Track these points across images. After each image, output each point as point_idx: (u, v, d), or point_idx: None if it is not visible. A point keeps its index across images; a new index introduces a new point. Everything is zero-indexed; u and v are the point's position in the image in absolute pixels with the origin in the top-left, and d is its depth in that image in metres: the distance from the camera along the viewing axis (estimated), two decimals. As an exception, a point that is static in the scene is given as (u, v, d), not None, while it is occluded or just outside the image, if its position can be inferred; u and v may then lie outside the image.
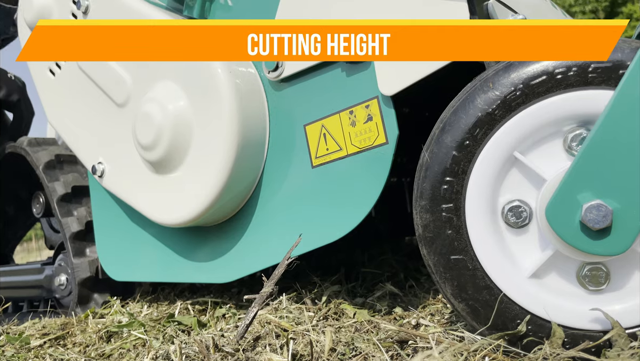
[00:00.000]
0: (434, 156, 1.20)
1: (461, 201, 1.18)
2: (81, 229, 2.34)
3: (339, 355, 1.32)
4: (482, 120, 1.16)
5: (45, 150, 2.57)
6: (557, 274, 1.17)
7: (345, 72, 1.52)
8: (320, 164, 1.58)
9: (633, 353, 1.02)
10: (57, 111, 2.18)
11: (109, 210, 2.15)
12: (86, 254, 2.33)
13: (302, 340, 1.40)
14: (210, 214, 1.70)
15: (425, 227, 1.20)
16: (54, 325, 1.99)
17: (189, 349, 1.44)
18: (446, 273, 1.19)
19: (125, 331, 1.80)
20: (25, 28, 2.23)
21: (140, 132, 1.76)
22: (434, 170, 1.19)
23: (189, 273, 1.91)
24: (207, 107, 1.63)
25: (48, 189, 2.43)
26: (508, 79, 1.15)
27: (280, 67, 1.61)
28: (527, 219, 1.17)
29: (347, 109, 1.52)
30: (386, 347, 1.32)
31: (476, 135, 1.17)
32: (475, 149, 1.17)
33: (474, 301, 1.18)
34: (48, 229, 2.89)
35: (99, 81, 1.95)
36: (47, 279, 2.56)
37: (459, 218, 1.18)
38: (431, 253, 1.21)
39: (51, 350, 1.73)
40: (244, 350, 1.37)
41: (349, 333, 1.47)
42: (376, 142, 1.47)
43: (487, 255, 1.17)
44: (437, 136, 1.20)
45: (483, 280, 1.17)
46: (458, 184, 1.18)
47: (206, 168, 1.64)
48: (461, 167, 1.18)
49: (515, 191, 1.19)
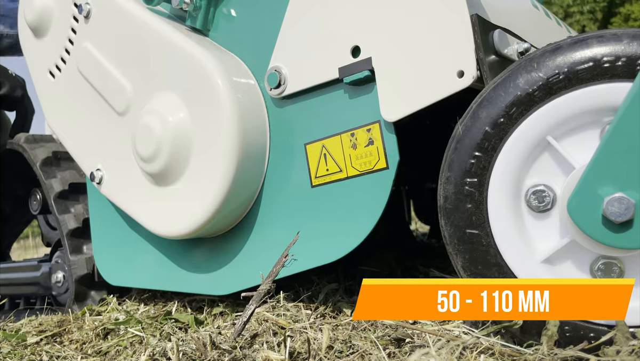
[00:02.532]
0: (467, 129, 1.19)
1: (486, 178, 1.18)
2: (78, 226, 2.33)
3: (336, 352, 1.31)
4: (521, 100, 1.15)
5: (43, 147, 2.56)
6: (570, 263, 1.17)
7: (348, 94, 1.51)
8: (320, 184, 1.57)
9: (632, 350, 1.01)
10: (56, 113, 2.16)
11: (106, 214, 2.14)
12: (83, 251, 2.33)
13: (300, 337, 1.40)
14: (209, 228, 1.69)
15: (447, 198, 1.21)
16: (51, 322, 1.99)
17: (186, 346, 1.44)
18: (460, 245, 1.21)
19: (122, 329, 1.80)
20: (26, 29, 2.20)
21: (140, 144, 1.74)
22: (464, 143, 1.19)
23: (185, 282, 1.90)
24: (207, 121, 1.62)
25: (45, 186, 2.42)
26: (554, 62, 1.13)
27: (283, 85, 1.59)
28: (550, 205, 1.17)
29: (349, 131, 1.51)
30: (383, 345, 1.32)
31: (512, 114, 1.16)
32: (508, 128, 1.16)
33: (482, 276, 1.19)
34: (45, 226, 2.88)
35: (99, 87, 1.93)
36: (44, 277, 2.55)
37: (481, 193, 1.18)
38: (448, 225, 1.22)
39: (48, 347, 1.72)
40: (241, 348, 1.37)
41: (346, 330, 1.47)
42: (376, 166, 1.47)
43: (502, 234, 1.18)
44: (473, 110, 1.20)
45: (494, 257, 1.18)
46: (486, 161, 1.18)
47: (206, 182, 1.63)
48: (492, 144, 1.17)
49: (542, 176, 1.18)
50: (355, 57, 1.46)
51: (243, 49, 1.72)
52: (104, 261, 2.18)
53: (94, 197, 2.19)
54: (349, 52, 1.47)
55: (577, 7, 15.29)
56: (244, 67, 1.70)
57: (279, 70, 1.59)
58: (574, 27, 15.24)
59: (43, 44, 2.16)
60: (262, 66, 1.66)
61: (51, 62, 2.13)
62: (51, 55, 2.12)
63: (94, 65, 1.93)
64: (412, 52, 1.38)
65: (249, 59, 1.71)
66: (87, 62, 1.96)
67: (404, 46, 1.39)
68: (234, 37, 1.74)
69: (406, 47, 1.39)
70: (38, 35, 2.16)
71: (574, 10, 15.24)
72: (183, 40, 1.67)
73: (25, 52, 2.28)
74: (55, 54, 2.10)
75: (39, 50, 2.19)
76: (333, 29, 1.50)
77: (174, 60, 1.69)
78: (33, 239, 10.96)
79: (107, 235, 2.16)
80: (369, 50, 1.44)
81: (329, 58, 1.51)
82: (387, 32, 1.41)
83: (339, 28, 1.49)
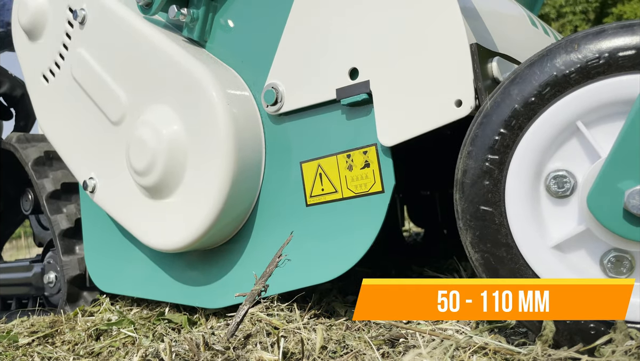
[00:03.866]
0: (496, 105, 1.17)
1: (508, 156, 1.16)
2: (70, 226, 2.31)
3: (330, 352, 1.31)
4: (556, 80, 1.12)
5: (35, 146, 2.54)
6: (581, 253, 1.16)
7: (345, 115, 1.50)
8: (315, 204, 1.56)
9: (627, 351, 1.01)
10: (49, 118, 2.14)
11: (99, 221, 2.11)
12: (75, 252, 2.31)
13: (293, 338, 1.39)
14: (202, 242, 1.68)
15: (465, 173, 1.19)
16: (43, 323, 1.98)
17: (179, 347, 1.43)
18: (472, 221, 1.19)
19: (115, 329, 1.79)
20: (20, 31, 2.16)
21: (134, 157, 1.73)
22: (491, 119, 1.17)
23: (176, 293, 1.88)
24: (203, 136, 1.60)
25: (37, 186, 2.40)
26: (595, 45, 1.10)
27: (280, 102, 1.58)
28: (569, 191, 1.15)
29: (345, 152, 1.50)
30: (377, 345, 1.32)
31: (544, 94, 1.13)
32: (538, 108, 1.14)
33: (490, 255, 1.18)
34: (37, 226, 2.87)
35: (94, 95, 1.90)
36: (35, 277, 2.54)
37: (500, 172, 1.17)
38: (463, 199, 1.20)
39: (39, 348, 1.71)
40: (234, 348, 1.37)
41: (340, 331, 1.47)
42: (372, 189, 1.46)
43: (516, 214, 1.16)
44: (505, 86, 1.18)
45: (505, 237, 1.17)
46: (510, 139, 1.16)
47: (200, 196, 1.61)
48: (519, 123, 1.15)
49: (566, 161, 1.16)
50: (353, 79, 1.45)
51: (240, 62, 1.70)
52: (96, 268, 2.16)
53: (87, 203, 2.17)
54: (346, 74, 1.46)
55: (570, 8, 15.37)
56: (240, 81, 1.68)
57: (276, 87, 1.58)
58: (566, 27, 15.32)
59: (37, 47, 2.13)
60: (259, 80, 1.65)
61: (45, 66, 2.10)
62: (45, 59, 2.09)
63: (88, 72, 1.90)
64: (411, 78, 1.37)
65: (245, 72, 1.69)
66: (81, 69, 1.93)
67: (402, 72, 1.38)
68: (231, 49, 1.72)
69: (405, 73, 1.38)
70: (32, 38, 2.13)
71: (567, 10, 15.32)
72: (180, 54, 1.65)
73: (19, 55, 2.25)
74: (49, 58, 2.07)
75: (32, 54, 2.16)
76: (332, 49, 1.49)
77: (170, 73, 1.66)
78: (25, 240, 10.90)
79: (100, 241, 2.13)
80: (367, 73, 1.43)
81: (327, 78, 1.49)
82: (386, 57, 1.40)
83: (338, 48, 1.48)
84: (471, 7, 1.47)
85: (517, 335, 1.31)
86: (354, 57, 1.45)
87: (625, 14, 14.59)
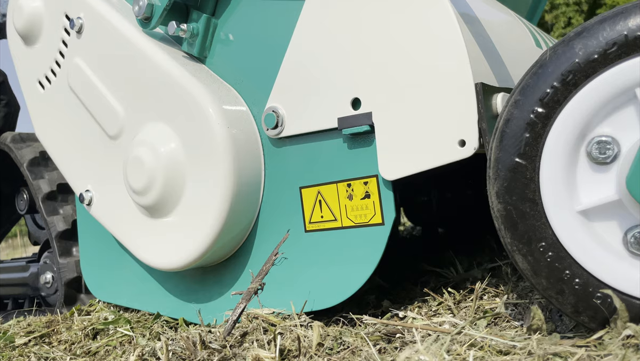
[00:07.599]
0: (555, 56, 1.12)
1: (555, 113, 1.12)
2: (67, 228, 2.30)
3: (326, 349, 1.32)
4: (625, 41, 1.06)
5: (30, 146, 2.53)
6: (606, 223, 1.13)
7: (347, 144, 1.48)
8: (313, 230, 1.55)
9: (623, 344, 1.02)
10: (45, 125, 2.10)
11: (95, 230, 2.08)
12: (72, 254, 2.30)
13: (290, 335, 1.39)
14: (200, 262, 1.66)
15: (507, 121, 1.16)
16: (39, 323, 1.98)
17: (175, 346, 1.43)
18: (502, 171, 1.16)
19: (112, 329, 1.79)
20: (16, 35, 2.13)
21: (132, 176, 1.70)
22: (547, 70, 1.12)
23: (171, 307, 1.86)
24: (201, 156, 1.58)
25: (32, 187, 2.39)
26: None
27: (280, 126, 1.56)
28: (610, 159, 1.11)
29: (345, 181, 1.49)
30: (374, 341, 1.32)
31: (609, 53, 1.06)
32: (599, 67, 1.09)
33: (513, 208, 1.16)
34: (32, 225, 2.86)
35: (91, 107, 1.87)
36: (32, 277, 2.53)
37: (544, 126, 1.13)
38: (499, 148, 1.17)
39: (36, 348, 1.71)
40: (231, 346, 1.37)
41: (336, 327, 1.47)
42: (372, 221, 1.45)
43: (550, 173, 1.13)
44: (570, 38, 1.12)
45: (533, 193, 1.14)
46: (562, 95, 1.11)
47: (199, 216, 1.60)
48: (575, 80, 1.10)
49: (614, 128, 1.11)
50: (356, 110, 1.43)
51: (241, 80, 1.67)
52: (92, 276, 2.13)
53: (83, 211, 2.13)
54: (349, 103, 1.44)
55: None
56: (240, 101, 1.65)
57: (277, 111, 1.55)
58: (560, 18, 15.30)
59: (33, 52, 2.09)
60: (259, 100, 1.62)
61: (41, 72, 2.06)
62: (41, 65, 2.05)
63: (86, 83, 1.87)
64: (415, 115, 1.35)
65: (246, 92, 1.66)
66: (78, 79, 1.89)
67: (406, 107, 1.36)
68: (232, 67, 1.69)
69: (408, 109, 1.36)
70: (28, 42, 2.09)
71: (560, 2, 15.30)
72: (179, 73, 1.62)
73: (14, 59, 2.20)
74: (45, 65, 2.04)
75: (28, 59, 2.11)
76: (334, 77, 1.47)
77: (169, 91, 1.64)
78: (21, 238, 10.89)
79: (96, 251, 2.11)
80: (370, 105, 1.41)
81: (329, 106, 1.47)
82: (389, 91, 1.39)
83: (341, 77, 1.46)
84: (476, 41, 1.44)
85: (512, 328, 1.32)
86: (357, 87, 1.43)
87: (619, 5, 14.59)
